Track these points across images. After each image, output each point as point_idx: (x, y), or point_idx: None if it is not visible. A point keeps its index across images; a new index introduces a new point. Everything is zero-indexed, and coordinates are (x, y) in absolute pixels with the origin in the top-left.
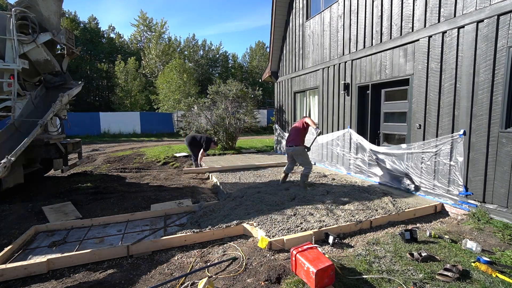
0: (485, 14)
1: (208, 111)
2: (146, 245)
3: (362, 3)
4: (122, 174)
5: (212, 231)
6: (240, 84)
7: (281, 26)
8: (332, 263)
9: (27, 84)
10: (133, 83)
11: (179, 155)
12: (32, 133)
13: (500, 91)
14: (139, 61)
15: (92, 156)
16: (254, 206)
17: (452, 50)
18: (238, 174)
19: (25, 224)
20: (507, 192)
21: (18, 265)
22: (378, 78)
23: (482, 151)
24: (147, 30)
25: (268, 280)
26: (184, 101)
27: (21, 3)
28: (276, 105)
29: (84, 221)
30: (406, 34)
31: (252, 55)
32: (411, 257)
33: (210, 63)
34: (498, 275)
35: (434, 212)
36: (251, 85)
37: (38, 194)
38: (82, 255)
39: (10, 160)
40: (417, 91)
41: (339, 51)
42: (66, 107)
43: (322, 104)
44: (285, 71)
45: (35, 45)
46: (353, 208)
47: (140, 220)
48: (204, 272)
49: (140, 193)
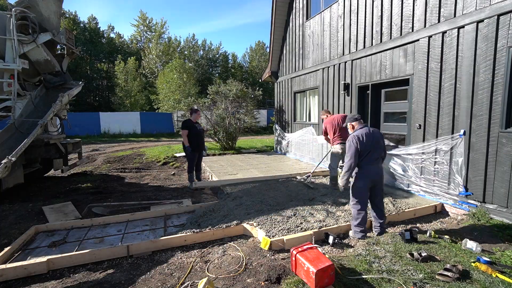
0: (485, 14)
1: (208, 111)
2: (146, 245)
3: (362, 3)
4: (122, 174)
5: (212, 231)
6: (240, 84)
7: (281, 26)
8: (332, 263)
9: (27, 84)
10: (133, 83)
11: (179, 155)
12: (33, 133)
13: (500, 91)
14: (139, 61)
15: (92, 156)
16: (254, 206)
17: (452, 50)
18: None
19: (25, 224)
20: (507, 192)
21: (18, 265)
22: (378, 78)
23: (482, 151)
24: (147, 30)
25: (268, 280)
26: (184, 101)
27: (21, 3)
28: (276, 105)
29: (84, 221)
30: (406, 34)
31: (252, 55)
32: (411, 257)
33: (210, 63)
34: (498, 275)
35: (434, 212)
36: (251, 85)
37: (38, 194)
38: (82, 255)
39: (11, 160)
40: (417, 91)
41: (339, 51)
42: (66, 107)
43: (322, 104)
44: (285, 71)
45: (35, 45)
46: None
47: (140, 220)
48: (204, 272)
49: (140, 193)
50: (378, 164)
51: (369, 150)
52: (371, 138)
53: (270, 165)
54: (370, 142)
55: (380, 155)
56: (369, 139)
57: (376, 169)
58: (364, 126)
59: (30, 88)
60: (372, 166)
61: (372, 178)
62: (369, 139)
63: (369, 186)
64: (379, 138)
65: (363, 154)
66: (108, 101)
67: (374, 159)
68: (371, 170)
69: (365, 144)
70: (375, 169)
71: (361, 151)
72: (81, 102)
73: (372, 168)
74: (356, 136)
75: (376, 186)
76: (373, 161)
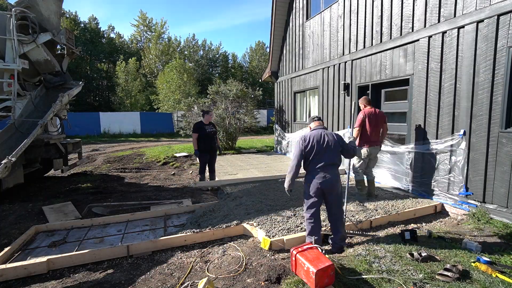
0: (485, 14)
1: None
2: (146, 245)
3: (362, 3)
4: (122, 174)
5: (212, 231)
6: (240, 84)
7: (281, 26)
8: (332, 263)
9: (27, 84)
10: (133, 83)
11: (179, 155)
12: (33, 133)
13: (500, 91)
14: (139, 61)
15: (92, 156)
16: (254, 206)
17: (452, 50)
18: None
19: (25, 224)
20: (507, 192)
21: (18, 265)
22: (378, 78)
23: (482, 151)
24: (147, 30)
25: (268, 280)
26: (184, 101)
27: (21, 3)
28: (276, 105)
29: (84, 221)
30: (406, 34)
31: (252, 55)
32: (411, 257)
33: (210, 63)
34: (498, 275)
35: (434, 212)
36: (251, 85)
37: (38, 194)
38: (82, 255)
39: (11, 160)
40: (417, 91)
41: (339, 51)
42: (66, 107)
43: (322, 104)
44: (285, 71)
45: (35, 45)
46: (353, 208)
47: (140, 220)
48: (204, 272)
49: (140, 193)
50: (328, 171)
51: (316, 154)
52: (320, 141)
53: (270, 165)
54: (318, 146)
55: (333, 161)
56: (317, 142)
57: (324, 175)
58: (319, 128)
59: (30, 88)
60: (320, 172)
61: (320, 186)
62: (317, 142)
63: (318, 193)
64: (332, 142)
65: (308, 158)
66: (108, 101)
67: (323, 164)
68: (318, 176)
69: (310, 147)
70: (323, 176)
71: (306, 154)
72: (81, 102)
73: (319, 174)
74: (303, 137)
75: (328, 196)
76: (323, 167)
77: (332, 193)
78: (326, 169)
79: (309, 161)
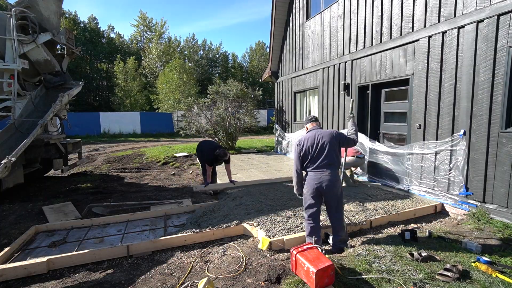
0: (485, 14)
1: (208, 111)
2: (146, 245)
3: (362, 3)
4: (122, 174)
5: (212, 231)
6: (240, 84)
7: (281, 26)
8: (332, 263)
9: (27, 84)
10: (133, 83)
11: (179, 155)
12: (33, 133)
13: (500, 91)
14: (139, 61)
15: (92, 156)
16: (254, 206)
17: (452, 50)
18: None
19: (25, 224)
20: (507, 192)
21: (18, 265)
22: (378, 78)
23: (482, 151)
24: (147, 30)
25: (268, 280)
26: (184, 101)
27: (21, 3)
28: (276, 105)
29: (84, 221)
30: (406, 34)
31: (252, 55)
32: (411, 257)
33: (210, 63)
34: (498, 275)
35: (434, 212)
36: (251, 85)
37: (38, 194)
38: (82, 255)
39: (11, 160)
40: (417, 91)
41: (339, 51)
42: (66, 107)
43: (322, 104)
44: (285, 71)
45: (35, 45)
46: (353, 208)
47: (140, 220)
48: (204, 272)
49: (140, 193)
50: (325, 172)
51: (312, 157)
52: (314, 144)
53: (270, 165)
54: (312, 148)
55: (329, 162)
56: (311, 145)
57: (320, 176)
58: (314, 129)
59: (30, 88)
60: (316, 173)
61: (316, 186)
62: (311, 145)
63: (316, 194)
64: (327, 143)
65: (304, 160)
66: (108, 101)
67: (319, 166)
68: (314, 177)
69: (305, 151)
70: (319, 177)
71: (302, 158)
72: (81, 102)
73: (315, 175)
74: (298, 142)
75: (326, 197)
76: (319, 168)
77: (330, 194)
78: (322, 170)
79: (306, 163)
